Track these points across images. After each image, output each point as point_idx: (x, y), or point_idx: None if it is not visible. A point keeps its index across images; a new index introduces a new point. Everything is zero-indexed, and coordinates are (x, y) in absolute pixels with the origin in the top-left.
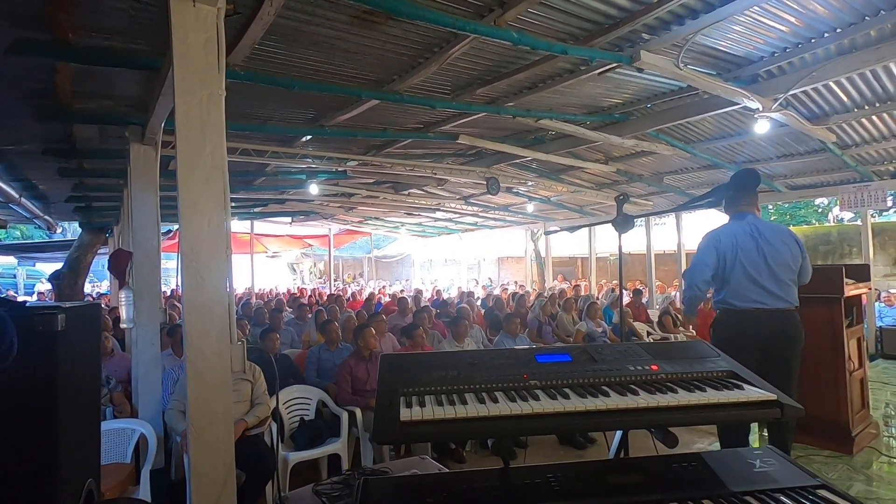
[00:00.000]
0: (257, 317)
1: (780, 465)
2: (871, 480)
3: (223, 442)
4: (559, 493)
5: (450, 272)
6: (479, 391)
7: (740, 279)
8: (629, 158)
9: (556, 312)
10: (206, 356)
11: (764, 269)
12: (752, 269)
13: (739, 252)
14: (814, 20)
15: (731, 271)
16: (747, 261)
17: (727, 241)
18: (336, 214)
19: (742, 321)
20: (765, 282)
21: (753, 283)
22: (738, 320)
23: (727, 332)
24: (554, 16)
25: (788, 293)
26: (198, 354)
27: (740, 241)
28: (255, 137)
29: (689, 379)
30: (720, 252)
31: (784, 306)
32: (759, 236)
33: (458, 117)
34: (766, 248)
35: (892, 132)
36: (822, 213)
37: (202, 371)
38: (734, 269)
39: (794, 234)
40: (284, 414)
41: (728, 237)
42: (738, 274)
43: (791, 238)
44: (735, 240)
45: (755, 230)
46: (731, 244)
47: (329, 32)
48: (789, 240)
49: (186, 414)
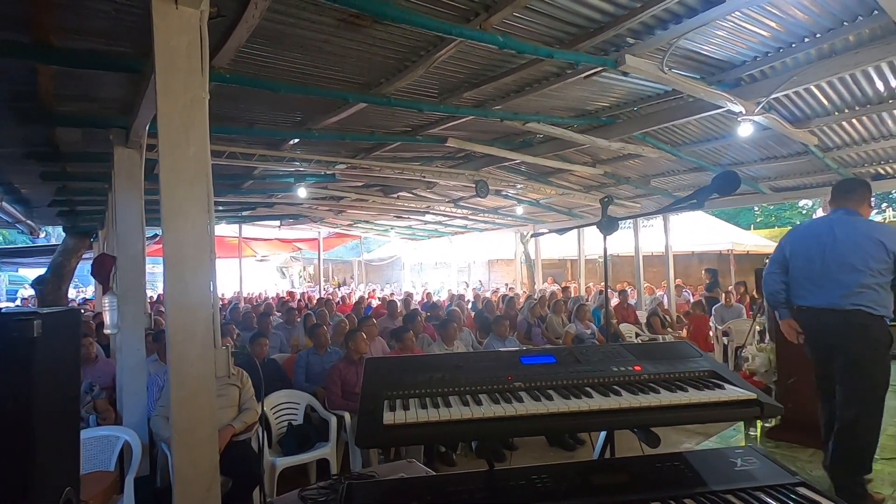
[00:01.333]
0: (245, 321)
1: (761, 464)
2: None
3: (207, 447)
4: (543, 494)
5: (440, 275)
6: (464, 393)
7: (796, 277)
8: (616, 161)
9: (545, 314)
10: (189, 360)
11: (819, 269)
12: (807, 267)
13: (800, 250)
14: (794, 25)
15: (793, 269)
16: (805, 259)
17: (793, 239)
18: (325, 218)
19: (801, 319)
20: (818, 280)
21: (807, 281)
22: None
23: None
24: (539, 20)
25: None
26: (181, 359)
27: (805, 239)
28: (241, 140)
29: (671, 379)
30: (784, 250)
31: (837, 306)
32: (828, 235)
33: (447, 120)
34: (830, 248)
35: (871, 135)
36: (807, 215)
37: (186, 376)
38: (795, 266)
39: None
40: (272, 419)
41: (796, 235)
42: (795, 271)
43: (870, 239)
44: (801, 238)
45: (829, 229)
46: (796, 242)
47: (315, 35)
48: (865, 240)
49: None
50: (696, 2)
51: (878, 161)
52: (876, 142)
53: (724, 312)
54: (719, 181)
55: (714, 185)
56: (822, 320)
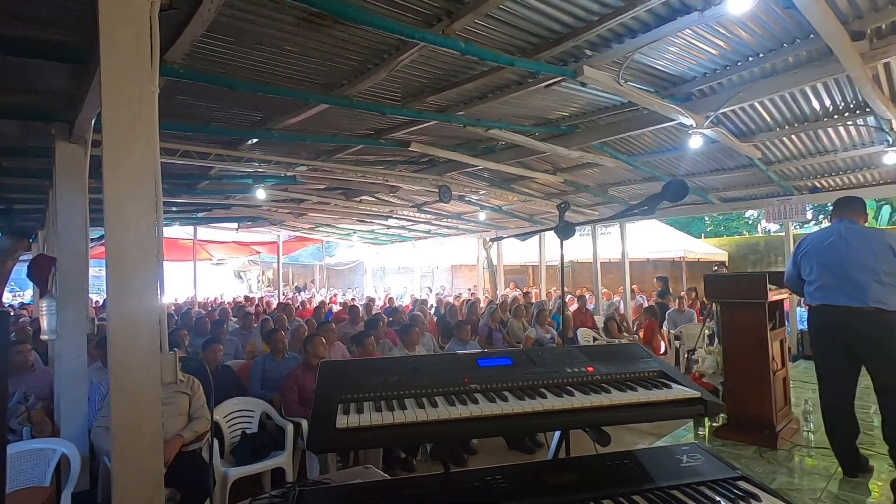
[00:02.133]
0: (198, 326)
1: (706, 460)
2: (792, 472)
3: (150, 460)
4: (498, 496)
5: (403, 280)
6: (420, 396)
7: (815, 281)
8: (576, 169)
9: (506, 319)
10: (131, 368)
11: (838, 272)
12: (826, 272)
13: (816, 258)
14: (739, 45)
15: (810, 272)
16: (823, 266)
17: (808, 245)
18: (285, 220)
19: (820, 316)
20: (838, 283)
21: (827, 284)
22: (813, 317)
23: (811, 327)
24: (500, 28)
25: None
26: (122, 366)
27: (819, 248)
28: (197, 139)
29: (621, 379)
30: (799, 255)
31: (858, 305)
32: (841, 240)
33: (410, 125)
34: (846, 253)
35: (808, 150)
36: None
37: (128, 383)
38: (812, 272)
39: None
40: (225, 427)
41: (810, 242)
42: (813, 276)
43: (882, 244)
44: (816, 244)
45: (840, 235)
46: (812, 248)
47: (275, 33)
48: (878, 245)
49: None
50: (650, 18)
51: (815, 175)
52: (813, 157)
53: (677, 317)
54: (669, 189)
55: (664, 192)
56: (841, 318)
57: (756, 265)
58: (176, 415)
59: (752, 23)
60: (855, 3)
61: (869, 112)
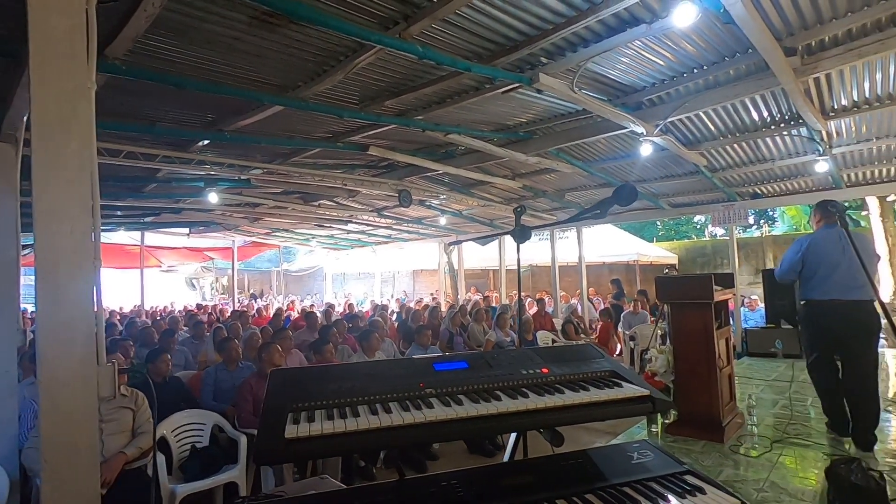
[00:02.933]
0: (145, 337)
1: (655, 456)
2: (738, 464)
3: (86, 481)
4: (454, 500)
5: (364, 286)
6: (374, 402)
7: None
8: (534, 175)
9: (467, 323)
10: (63, 382)
11: (843, 271)
12: (831, 271)
13: (822, 258)
14: (685, 57)
15: (817, 273)
16: (828, 266)
17: (814, 246)
18: (240, 225)
19: (823, 309)
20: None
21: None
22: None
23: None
24: (457, 33)
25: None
26: (54, 380)
27: (824, 250)
28: (143, 140)
29: (575, 380)
30: (805, 254)
31: (859, 298)
32: (844, 242)
33: (368, 128)
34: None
35: (749, 158)
36: (700, 229)
37: (60, 399)
38: (818, 271)
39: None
40: (173, 442)
41: (815, 243)
42: (820, 274)
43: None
44: (822, 244)
45: (841, 237)
46: (818, 248)
47: (225, 31)
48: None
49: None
50: (602, 28)
51: (756, 182)
52: (753, 165)
53: (631, 318)
54: (619, 194)
55: (615, 197)
56: (843, 310)
57: (704, 267)
58: (118, 431)
59: (696, 36)
60: (787, 21)
61: (802, 123)
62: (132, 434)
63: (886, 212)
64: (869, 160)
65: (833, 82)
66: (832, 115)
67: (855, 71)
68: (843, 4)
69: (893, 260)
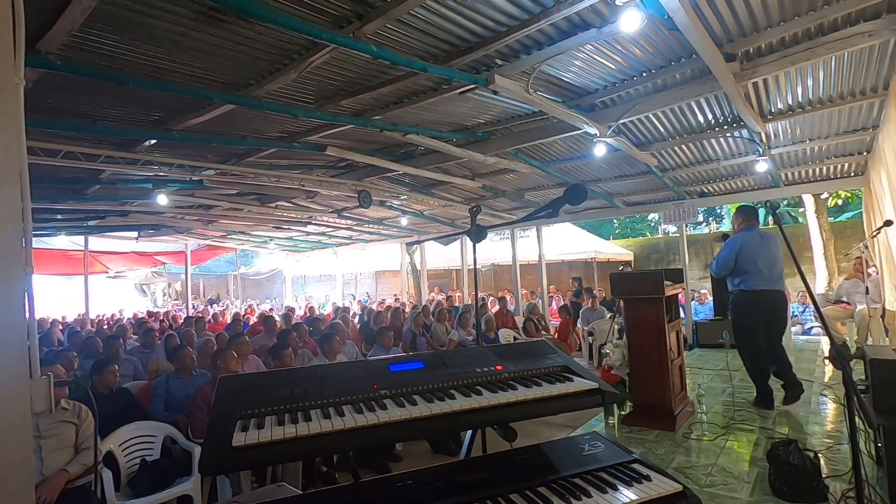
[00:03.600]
0: (89, 347)
1: (605, 447)
2: (689, 452)
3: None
4: (410, 500)
5: (325, 288)
6: (327, 406)
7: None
8: (493, 175)
9: (430, 323)
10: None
11: (766, 265)
12: (757, 265)
13: (750, 255)
14: (634, 61)
15: (746, 267)
16: (754, 262)
17: (743, 245)
18: (193, 228)
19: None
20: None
21: (760, 274)
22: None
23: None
24: (413, 34)
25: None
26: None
27: (751, 247)
28: (84, 139)
29: (528, 376)
30: (739, 252)
31: (778, 289)
32: (764, 241)
33: (325, 128)
34: (768, 252)
35: (696, 159)
36: (654, 227)
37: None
38: (749, 266)
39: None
40: (120, 457)
41: (744, 242)
42: (749, 268)
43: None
44: (750, 244)
45: (763, 237)
46: (747, 247)
47: (170, 27)
48: (775, 242)
49: None
50: (555, 32)
51: (703, 181)
52: (700, 165)
53: (589, 314)
54: (570, 193)
55: (566, 196)
56: (771, 298)
57: (658, 263)
58: (60, 447)
59: (644, 41)
60: (727, 28)
61: (743, 125)
62: (75, 450)
63: (821, 208)
64: (804, 160)
65: (770, 87)
66: (770, 117)
67: (789, 76)
68: (777, 14)
69: (828, 254)
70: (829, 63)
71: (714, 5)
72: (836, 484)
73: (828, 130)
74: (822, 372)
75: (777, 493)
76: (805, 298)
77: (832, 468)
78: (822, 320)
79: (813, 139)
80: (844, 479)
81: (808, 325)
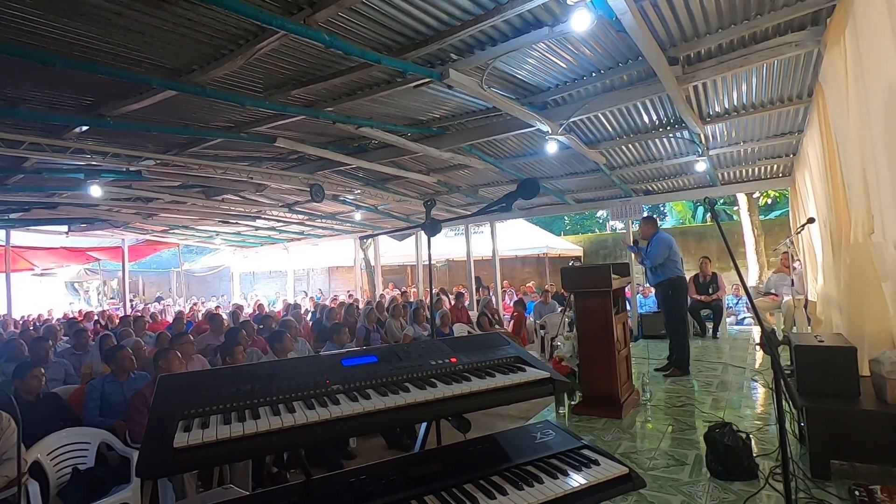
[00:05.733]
0: (11, 350)
1: (556, 434)
2: (634, 437)
3: None
4: (362, 496)
5: (276, 285)
6: (276, 403)
7: (677, 262)
8: (448, 170)
9: (384, 319)
10: None
11: (680, 259)
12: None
13: (675, 249)
14: (584, 61)
15: (675, 259)
16: (677, 254)
17: (671, 244)
18: (131, 222)
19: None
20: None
21: (680, 263)
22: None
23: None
24: (366, 24)
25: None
26: None
27: (672, 242)
28: (3, 123)
29: (482, 367)
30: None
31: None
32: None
33: (275, 119)
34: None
35: (642, 158)
36: (603, 223)
37: None
38: (675, 257)
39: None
40: (49, 466)
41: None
42: (676, 259)
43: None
44: (672, 242)
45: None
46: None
47: (104, 4)
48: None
49: None
50: (508, 29)
51: (648, 179)
52: (645, 164)
53: (542, 308)
54: (523, 187)
55: (518, 191)
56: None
57: (606, 258)
58: None
59: (594, 42)
60: (670, 33)
61: (684, 127)
62: None
63: (753, 207)
64: (738, 161)
65: (709, 91)
66: (709, 120)
67: (725, 81)
68: (715, 21)
69: (759, 249)
70: (761, 70)
71: (659, 10)
72: (765, 462)
73: (759, 133)
74: (754, 359)
75: (713, 472)
76: (739, 291)
77: (762, 447)
78: (755, 310)
79: (747, 141)
80: (772, 458)
81: (742, 316)
